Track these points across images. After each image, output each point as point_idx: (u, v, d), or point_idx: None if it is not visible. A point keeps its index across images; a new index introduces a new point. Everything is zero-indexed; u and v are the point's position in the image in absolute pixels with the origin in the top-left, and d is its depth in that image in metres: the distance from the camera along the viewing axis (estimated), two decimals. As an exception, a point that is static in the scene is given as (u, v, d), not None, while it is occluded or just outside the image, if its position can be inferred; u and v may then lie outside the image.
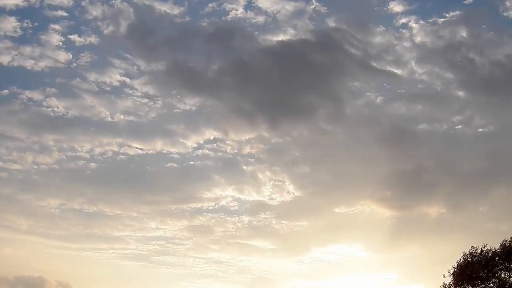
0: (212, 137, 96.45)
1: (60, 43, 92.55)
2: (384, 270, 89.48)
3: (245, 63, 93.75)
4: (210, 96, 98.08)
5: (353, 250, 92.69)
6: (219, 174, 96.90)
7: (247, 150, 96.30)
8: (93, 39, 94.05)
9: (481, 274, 44.67)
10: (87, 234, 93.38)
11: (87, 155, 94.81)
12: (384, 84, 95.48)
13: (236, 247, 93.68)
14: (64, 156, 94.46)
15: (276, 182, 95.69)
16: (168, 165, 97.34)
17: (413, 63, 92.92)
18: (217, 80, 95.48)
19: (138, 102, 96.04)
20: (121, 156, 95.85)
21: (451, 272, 45.73)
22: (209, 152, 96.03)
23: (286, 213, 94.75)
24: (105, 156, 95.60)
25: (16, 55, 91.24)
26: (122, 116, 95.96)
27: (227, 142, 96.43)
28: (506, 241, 44.51)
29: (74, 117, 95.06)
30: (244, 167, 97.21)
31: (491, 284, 44.33)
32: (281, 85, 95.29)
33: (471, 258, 45.25)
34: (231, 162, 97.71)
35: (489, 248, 44.89)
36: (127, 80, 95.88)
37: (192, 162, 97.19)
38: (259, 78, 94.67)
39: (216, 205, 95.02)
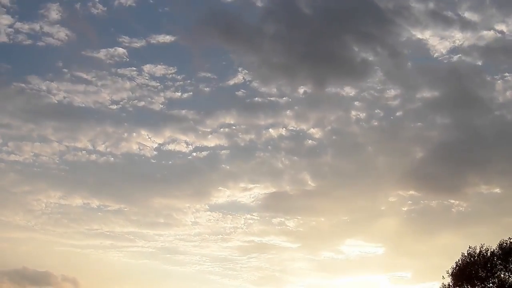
0: (226, 122, 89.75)
1: (61, 18, 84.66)
2: (402, 267, 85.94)
3: (293, 5, 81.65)
4: (247, 48, 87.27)
5: (371, 247, 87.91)
6: (231, 164, 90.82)
7: (265, 135, 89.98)
8: (99, 11, 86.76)
9: (480, 274, 44.81)
10: (89, 230, 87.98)
11: (89, 145, 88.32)
12: (457, 35, 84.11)
13: (247, 244, 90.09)
14: (64, 146, 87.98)
15: (294, 172, 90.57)
16: (176, 156, 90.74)
17: (493, 10, 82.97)
18: (257, 28, 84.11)
19: (146, 86, 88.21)
20: (126, 145, 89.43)
21: (450, 273, 45.93)
22: (222, 139, 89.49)
23: (302, 207, 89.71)
24: (107, 144, 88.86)
25: (11, 33, 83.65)
26: (128, 102, 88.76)
27: (242, 126, 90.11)
28: (504, 242, 44.68)
29: (76, 103, 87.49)
30: (261, 155, 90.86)
31: (490, 284, 44.46)
32: (332, 34, 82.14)
33: (470, 258, 45.42)
34: (245, 150, 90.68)
35: (487, 249, 45.07)
36: (135, 61, 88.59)
37: (203, 152, 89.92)
38: (307, 26, 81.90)
39: (228, 199, 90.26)
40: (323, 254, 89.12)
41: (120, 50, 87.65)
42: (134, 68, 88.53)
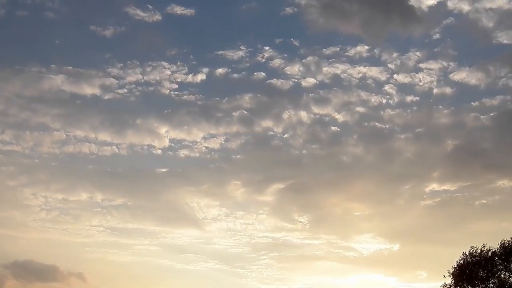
0: (243, 105, 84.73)
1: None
2: (417, 265, 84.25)
3: None
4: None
5: (387, 243, 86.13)
6: (244, 157, 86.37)
7: (284, 121, 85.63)
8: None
9: (481, 274, 44.58)
10: (90, 226, 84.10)
11: (92, 134, 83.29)
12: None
13: (258, 241, 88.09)
14: (65, 135, 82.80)
15: (311, 163, 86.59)
16: (186, 146, 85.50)
17: None
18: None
19: (157, 68, 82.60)
20: (132, 133, 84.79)
21: (451, 273, 45.74)
22: (236, 126, 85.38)
23: (318, 201, 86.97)
24: (111, 131, 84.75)
25: (9, 8, 78.26)
26: (135, 88, 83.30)
27: (259, 111, 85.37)
28: (505, 241, 44.37)
29: (79, 89, 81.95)
30: (278, 145, 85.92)
31: (491, 284, 44.18)
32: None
33: (470, 258, 45.20)
34: (261, 140, 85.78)
35: (488, 248, 44.82)
36: (145, 40, 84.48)
37: (215, 142, 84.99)
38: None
39: (240, 193, 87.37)
40: (337, 251, 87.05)
41: (127, 28, 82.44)
42: (142, 48, 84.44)
